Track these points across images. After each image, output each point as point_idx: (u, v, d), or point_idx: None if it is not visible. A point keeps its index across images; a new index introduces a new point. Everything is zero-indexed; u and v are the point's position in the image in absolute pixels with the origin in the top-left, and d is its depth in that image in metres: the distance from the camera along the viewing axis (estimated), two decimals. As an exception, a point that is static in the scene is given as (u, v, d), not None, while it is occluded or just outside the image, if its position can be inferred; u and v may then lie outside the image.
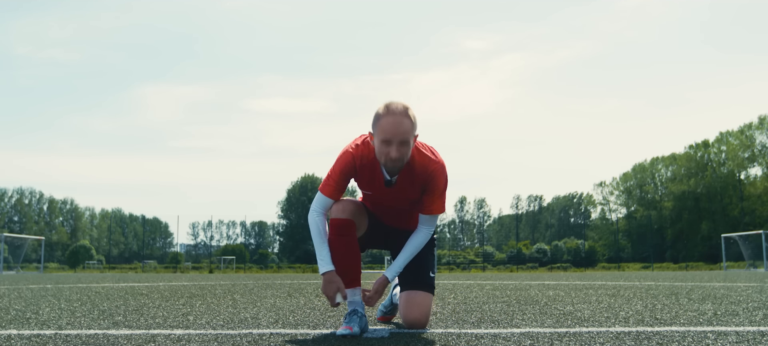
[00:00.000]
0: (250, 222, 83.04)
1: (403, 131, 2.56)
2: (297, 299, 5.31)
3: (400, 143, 2.57)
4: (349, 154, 2.73)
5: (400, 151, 2.58)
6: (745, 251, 36.41)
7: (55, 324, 3.18)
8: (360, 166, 2.75)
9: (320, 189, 2.78)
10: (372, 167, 2.75)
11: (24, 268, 41.75)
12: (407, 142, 2.59)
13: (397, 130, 2.55)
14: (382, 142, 2.59)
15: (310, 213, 2.80)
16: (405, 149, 2.59)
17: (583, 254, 56.44)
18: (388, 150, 2.58)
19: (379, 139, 2.59)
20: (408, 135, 2.58)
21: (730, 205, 56.68)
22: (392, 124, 2.55)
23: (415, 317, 2.82)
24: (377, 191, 2.81)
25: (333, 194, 2.75)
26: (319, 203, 2.79)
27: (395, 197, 2.81)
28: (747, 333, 2.68)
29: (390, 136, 2.56)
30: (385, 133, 2.56)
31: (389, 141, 2.57)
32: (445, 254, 54.71)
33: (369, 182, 2.80)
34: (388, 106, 2.60)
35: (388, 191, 2.78)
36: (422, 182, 2.74)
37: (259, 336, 2.63)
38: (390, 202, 2.86)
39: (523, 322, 3.17)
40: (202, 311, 3.93)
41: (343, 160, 2.73)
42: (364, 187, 2.85)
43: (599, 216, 73.40)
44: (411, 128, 2.59)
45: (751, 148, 54.70)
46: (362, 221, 2.88)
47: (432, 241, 3.04)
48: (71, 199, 78.13)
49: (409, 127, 2.58)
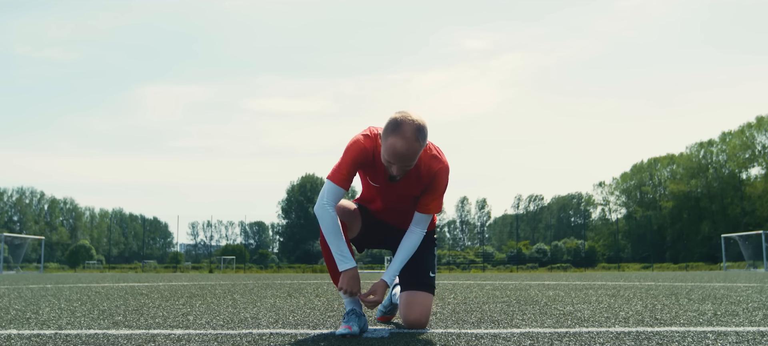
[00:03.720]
0: (250, 222, 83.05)
1: (409, 158, 2.52)
2: (297, 299, 5.31)
3: (402, 167, 2.56)
4: (361, 144, 2.68)
5: (402, 171, 2.58)
6: (745, 251, 36.40)
7: (55, 324, 3.18)
8: (370, 158, 2.72)
9: (330, 178, 2.69)
10: (378, 162, 2.74)
11: (24, 268, 41.74)
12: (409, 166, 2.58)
13: (404, 157, 2.51)
14: (386, 155, 2.55)
15: (320, 207, 2.70)
16: (408, 169, 2.60)
17: (583, 254, 56.41)
18: (390, 166, 2.58)
19: (386, 151, 2.54)
20: (412, 161, 2.56)
21: (730, 205, 56.66)
22: (400, 151, 2.49)
23: (415, 318, 2.81)
24: (382, 184, 2.80)
25: (343, 183, 2.69)
26: (331, 194, 2.69)
27: (398, 192, 2.81)
28: (747, 333, 2.68)
29: (395, 161, 2.53)
30: (390, 156, 2.53)
31: (390, 164, 2.56)
32: (445, 254, 54.70)
33: (375, 175, 2.80)
34: (401, 125, 2.49)
35: (393, 185, 2.78)
36: (427, 178, 2.74)
37: (259, 336, 2.63)
38: (392, 196, 2.85)
39: (523, 322, 3.17)
40: (202, 311, 3.93)
41: (356, 148, 2.68)
42: (370, 178, 2.83)
43: (599, 216, 73.43)
44: (417, 153, 2.55)
45: (751, 148, 54.69)
46: (355, 222, 2.87)
47: (432, 241, 3.04)
48: (71, 199, 78.25)
49: (414, 155, 2.53)
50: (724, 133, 58.05)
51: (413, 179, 2.74)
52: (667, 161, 64.75)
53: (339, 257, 2.70)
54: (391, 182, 2.73)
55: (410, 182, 2.75)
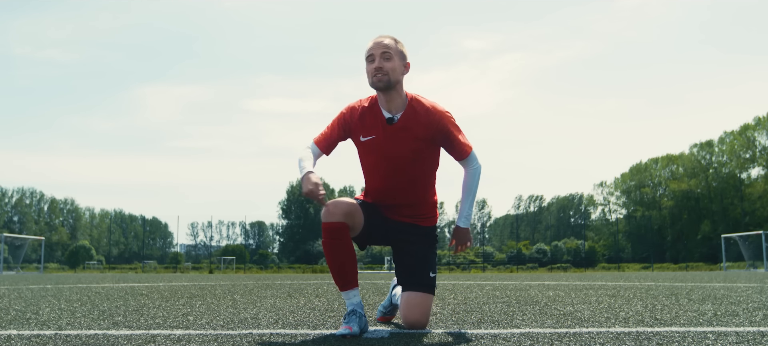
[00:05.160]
0: (250, 222, 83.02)
1: (384, 44, 2.73)
2: (297, 299, 5.31)
3: (382, 56, 2.72)
4: (348, 106, 2.90)
5: (383, 63, 2.71)
6: (745, 251, 36.40)
7: (55, 324, 3.17)
8: (359, 111, 2.84)
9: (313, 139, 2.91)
10: (372, 110, 2.83)
11: (24, 268, 41.73)
12: (390, 56, 2.73)
13: (378, 45, 2.73)
14: (367, 60, 2.77)
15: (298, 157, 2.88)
16: (389, 64, 2.72)
17: (583, 254, 56.40)
18: (372, 65, 2.73)
19: (366, 62, 2.77)
20: (390, 49, 2.74)
21: (730, 205, 56.65)
22: (374, 41, 2.76)
23: (415, 318, 2.80)
24: (380, 133, 2.80)
25: (321, 142, 2.88)
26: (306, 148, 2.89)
27: (400, 138, 2.78)
28: (747, 334, 2.67)
29: (372, 50, 2.74)
30: (369, 50, 2.76)
31: (372, 56, 2.74)
32: (445, 254, 54.62)
33: (371, 126, 2.81)
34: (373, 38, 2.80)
35: (392, 131, 2.77)
36: (428, 122, 2.77)
37: (259, 336, 2.63)
38: (395, 147, 2.79)
39: (523, 322, 3.17)
40: (202, 312, 3.93)
41: (342, 111, 2.91)
42: (366, 133, 2.82)
43: (599, 216, 73.41)
44: (393, 45, 2.76)
45: (751, 148, 54.68)
46: (357, 220, 2.77)
47: (433, 240, 3.02)
48: (71, 199, 78.28)
49: (391, 43, 2.76)
50: (724, 133, 58.06)
51: (412, 120, 2.77)
52: (666, 161, 64.73)
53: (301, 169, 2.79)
54: (390, 125, 2.77)
55: (410, 123, 2.77)
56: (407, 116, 2.77)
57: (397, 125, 2.77)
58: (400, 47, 2.78)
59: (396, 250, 2.97)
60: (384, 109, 2.80)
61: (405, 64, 2.79)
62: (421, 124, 2.76)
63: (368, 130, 2.82)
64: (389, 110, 2.79)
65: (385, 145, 2.81)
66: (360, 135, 2.84)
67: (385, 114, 2.79)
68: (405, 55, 2.79)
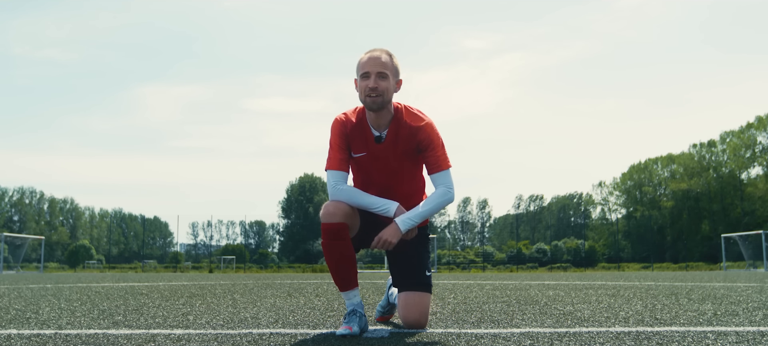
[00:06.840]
0: (250, 222, 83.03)
1: (380, 63, 2.69)
2: (297, 298, 5.31)
3: (377, 75, 2.67)
4: (337, 120, 2.84)
5: (378, 82, 2.67)
6: (745, 251, 36.40)
7: (55, 324, 3.18)
8: (350, 127, 2.80)
9: (327, 168, 2.78)
10: (361, 126, 2.80)
11: (24, 268, 41.74)
12: (385, 76, 2.69)
13: (375, 62, 2.68)
14: (361, 77, 2.71)
15: (332, 194, 2.75)
16: (384, 83, 2.68)
17: (583, 254, 56.38)
18: (366, 83, 2.67)
19: (360, 77, 2.71)
20: (386, 68, 2.69)
21: (730, 205, 56.64)
22: (369, 58, 2.70)
23: (414, 318, 2.81)
24: (370, 150, 2.81)
25: (339, 164, 2.77)
26: (334, 178, 2.76)
27: (388, 154, 2.80)
28: (747, 333, 2.68)
29: (368, 69, 2.68)
30: (363, 67, 2.70)
31: (368, 74, 2.68)
32: (445, 254, 54.67)
33: (361, 143, 2.81)
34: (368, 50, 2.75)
35: (380, 149, 2.78)
36: (410, 135, 2.76)
37: (259, 336, 2.63)
38: (383, 168, 2.82)
39: (523, 322, 3.17)
40: (202, 311, 3.93)
41: (334, 126, 2.83)
42: (357, 149, 2.83)
43: (599, 216, 73.37)
44: (389, 63, 2.71)
45: (751, 148, 54.69)
46: (355, 221, 2.80)
47: (426, 238, 3.01)
48: (71, 199, 78.27)
49: (386, 61, 2.71)
50: (725, 133, 58.05)
51: (397, 134, 2.77)
52: (667, 161, 64.72)
53: (380, 206, 2.73)
54: (378, 143, 2.76)
55: (396, 137, 2.77)
56: (393, 132, 2.77)
57: (384, 143, 2.78)
58: (395, 63, 2.76)
59: (391, 252, 2.95)
60: (372, 127, 2.80)
61: (397, 82, 2.78)
62: (406, 138, 2.77)
63: (358, 148, 2.82)
64: (377, 128, 2.79)
65: (374, 164, 2.83)
66: (351, 150, 2.85)
67: (374, 132, 2.79)
68: (399, 72, 2.78)
